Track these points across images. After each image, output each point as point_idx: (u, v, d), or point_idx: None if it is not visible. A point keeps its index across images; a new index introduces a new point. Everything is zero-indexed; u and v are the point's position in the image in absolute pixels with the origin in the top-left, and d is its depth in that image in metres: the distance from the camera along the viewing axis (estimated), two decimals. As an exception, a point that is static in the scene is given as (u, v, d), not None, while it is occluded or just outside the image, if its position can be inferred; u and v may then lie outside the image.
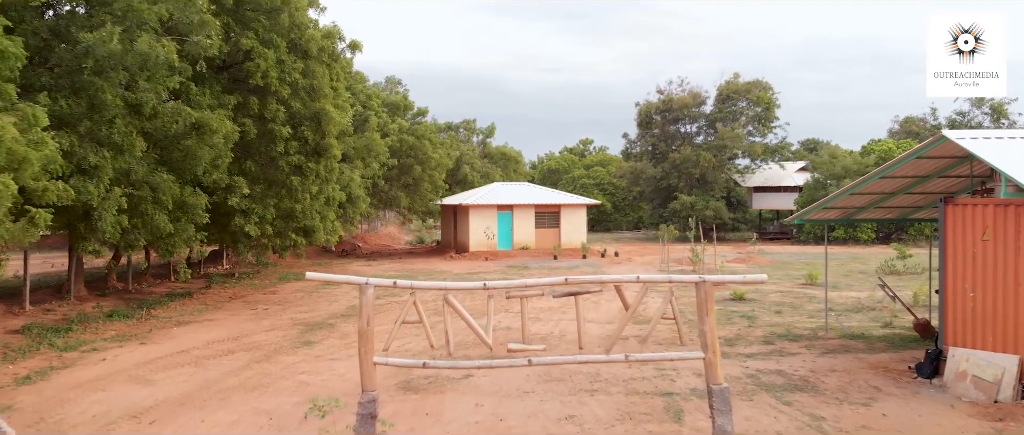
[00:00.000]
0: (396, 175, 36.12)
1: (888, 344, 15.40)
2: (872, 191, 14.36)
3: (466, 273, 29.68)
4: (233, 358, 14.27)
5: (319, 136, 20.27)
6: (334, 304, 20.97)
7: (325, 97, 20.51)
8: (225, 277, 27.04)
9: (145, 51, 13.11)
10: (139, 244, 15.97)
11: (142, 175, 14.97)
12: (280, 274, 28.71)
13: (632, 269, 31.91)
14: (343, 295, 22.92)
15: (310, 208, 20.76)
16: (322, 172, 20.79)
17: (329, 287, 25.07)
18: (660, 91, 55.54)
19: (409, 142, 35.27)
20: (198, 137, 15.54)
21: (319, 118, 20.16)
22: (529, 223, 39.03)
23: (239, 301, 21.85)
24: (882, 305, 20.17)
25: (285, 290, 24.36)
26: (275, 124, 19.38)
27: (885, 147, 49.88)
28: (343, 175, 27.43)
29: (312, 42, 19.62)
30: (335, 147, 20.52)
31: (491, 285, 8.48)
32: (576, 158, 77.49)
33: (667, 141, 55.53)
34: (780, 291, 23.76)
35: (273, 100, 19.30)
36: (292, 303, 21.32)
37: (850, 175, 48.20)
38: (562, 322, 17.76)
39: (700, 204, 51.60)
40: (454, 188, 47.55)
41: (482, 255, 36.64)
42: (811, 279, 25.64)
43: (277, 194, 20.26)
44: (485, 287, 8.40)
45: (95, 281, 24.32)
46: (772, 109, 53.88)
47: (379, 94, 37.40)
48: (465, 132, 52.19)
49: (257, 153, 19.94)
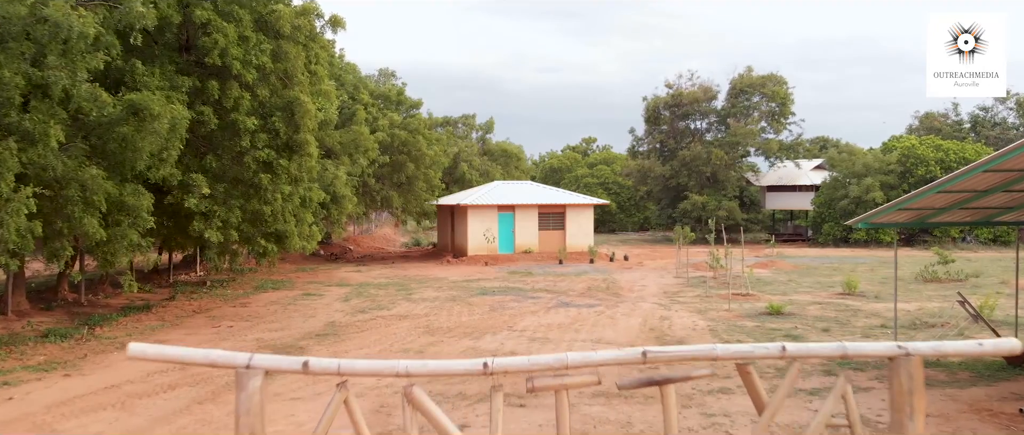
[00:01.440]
0: (388, 173, 33.33)
1: (974, 374, 12.66)
2: (963, 188, 11.63)
3: (463, 280, 26.97)
4: (172, 396, 11.53)
5: (292, 129, 17.54)
6: (310, 320, 18.23)
7: (300, 84, 17.78)
8: (194, 287, 24.30)
9: (57, 19, 10.38)
10: (64, 253, 13.19)
11: (64, 171, 12.22)
12: (257, 282, 25.96)
13: (644, 275, 29.17)
14: (322, 308, 20.18)
15: (282, 210, 18.02)
16: (296, 170, 18.04)
17: (308, 297, 22.34)
18: (669, 85, 52.82)
19: (402, 137, 32.44)
20: (137, 124, 12.78)
21: (292, 108, 17.43)
22: (532, 225, 36.27)
23: (203, 316, 19.11)
24: (942, 320, 17.45)
25: (258, 302, 21.61)
26: (238, 113, 16.65)
27: (908, 144, 47.17)
28: (327, 172, 24.68)
29: (282, 19, 16.87)
30: (312, 142, 17.78)
31: (497, 365, 4.43)
32: (579, 156, 74.74)
33: (676, 138, 52.78)
34: (817, 302, 21.01)
35: (236, 85, 16.56)
36: (263, 318, 18.58)
37: (871, 173, 45.51)
38: (576, 344, 14.99)
39: (712, 204, 48.87)
40: (451, 187, 44.75)
41: (481, 260, 33.89)
42: (850, 288, 22.90)
43: (244, 194, 17.53)
44: (486, 369, 4.36)
45: (46, 292, 21.59)
46: (788, 104, 51.13)
47: (369, 85, 34.59)
48: (463, 127, 49.28)
49: (219, 147, 17.22)
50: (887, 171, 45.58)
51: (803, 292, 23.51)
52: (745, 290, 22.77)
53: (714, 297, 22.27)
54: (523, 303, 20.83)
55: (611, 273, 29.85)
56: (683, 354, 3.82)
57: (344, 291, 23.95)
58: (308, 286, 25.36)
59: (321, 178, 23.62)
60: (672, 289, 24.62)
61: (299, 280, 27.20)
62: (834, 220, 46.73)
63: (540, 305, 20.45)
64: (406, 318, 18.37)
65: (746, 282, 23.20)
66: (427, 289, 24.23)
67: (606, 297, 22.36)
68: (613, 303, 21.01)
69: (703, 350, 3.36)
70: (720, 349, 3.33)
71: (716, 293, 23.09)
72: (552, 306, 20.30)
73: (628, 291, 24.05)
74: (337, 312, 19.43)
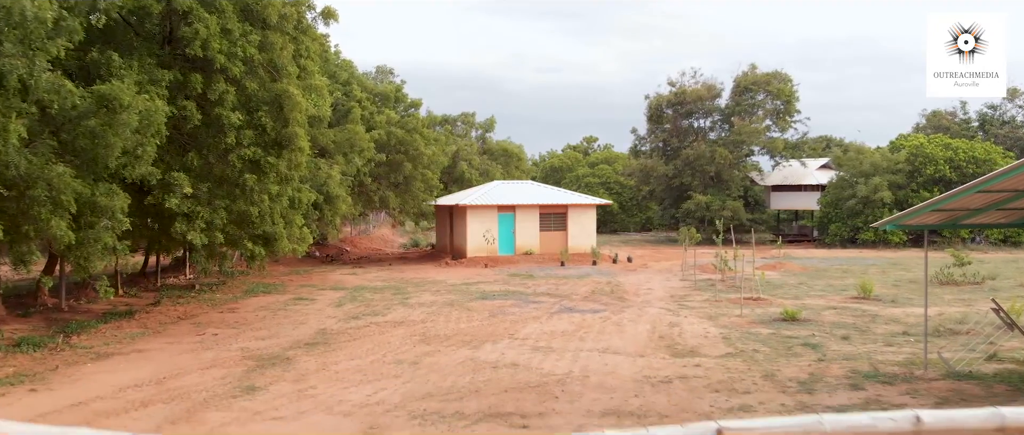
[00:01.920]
0: (384, 173, 32.33)
1: (1011, 388, 11.73)
2: (1003, 188, 10.70)
3: (462, 283, 26.04)
4: (142, 415, 10.58)
5: (280, 124, 16.59)
6: (300, 327, 17.29)
7: (289, 76, 16.83)
8: (182, 291, 23.35)
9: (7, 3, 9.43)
10: (31, 258, 12.24)
11: (28, 169, 11.27)
12: (248, 286, 25.02)
13: (650, 278, 28.22)
14: (314, 314, 19.24)
15: (271, 212, 17.07)
16: (285, 168, 17.09)
17: (300, 302, 21.40)
18: (671, 83, 51.84)
19: (399, 136, 31.43)
20: (107, 117, 11.83)
21: (280, 102, 16.49)
22: (533, 225, 35.31)
23: (188, 323, 18.16)
24: (967, 327, 16.51)
25: (247, 307, 20.66)
26: (223, 108, 15.71)
27: (916, 142, 46.23)
28: (320, 172, 23.73)
29: (270, 7, 15.92)
30: (301, 136, 16.83)
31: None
32: (580, 156, 73.77)
33: (679, 137, 51.81)
34: (832, 307, 20.07)
35: (221, 79, 15.62)
36: (250, 325, 17.64)
37: (880, 172, 44.58)
38: (582, 355, 14.03)
39: (716, 204, 47.93)
40: (450, 187, 43.75)
41: (480, 261, 32.93)
42: (864, 292, 21.96)
43: (229, 194, 16.60)
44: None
45: (25, 297, 20.64)
46: (793, 102, 50.19)
47: (366, 82, 33.59)
48: (462, 126, 48.17)
49: (203, 144, 16.28)
50: (895, 170, 44.64)
51: (816, 296, 22.58)
52: (756, 294, 21.83)
53: (724, 301, 21.35)
54: (524, 308, 19.89)
55: (615, 276, 28.91)
56: (777, 429, 2.40)
57: (338, 295, 23.01)
58: (301, 290, 24.42)
59: (313, 178, 22.68)
60: (679, 293, 23.69)
61: (292, 283, 26.26)
62: (841, 220, 45.79)
63: (542, 310, 19.52)
64: (401, 325, 17.43)
65: (757, 285, 22.25)
66: (424, 293, 23.29)
67: (611, 301, 21.42)
68: (619, 308, 20.08)
69: (808, 423, 2.01)
70: (829, 422, 2.00)
71: (726, 297, 22.16)
72: (555, 311, 19.36)
73: (634, 295, 23.11)
74: (329, 318, 18.49)
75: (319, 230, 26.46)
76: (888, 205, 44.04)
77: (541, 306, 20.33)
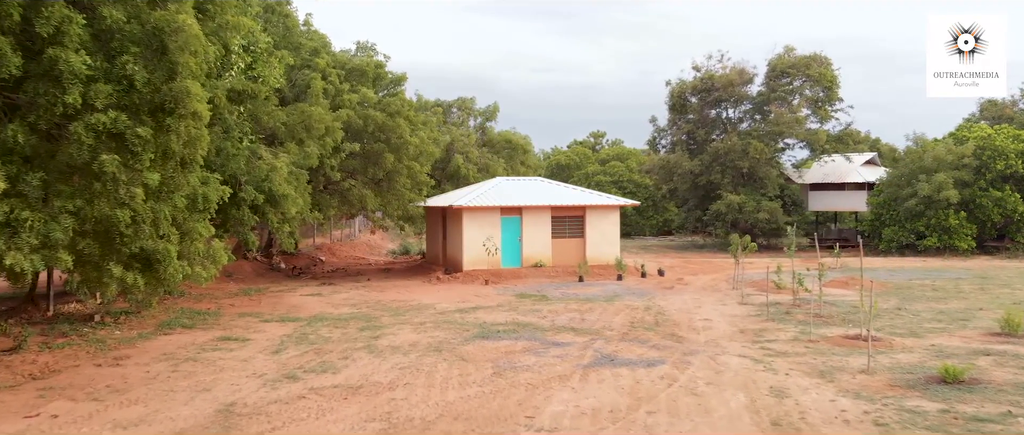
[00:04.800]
0: (360, 166, 26.05)
1: None
2: None
3: (455, 310, 19.87)
4: None
5: (162, 74, 10.40)
6: (196, 400, 11.04)
7: (178, 3, 10.63)
8: (77, 324, 17.11)
9: None
10: None
11: None
12: (172, 315, 18.75)
13: (698, 300, 21.98)
14: (232, 370, 12.97)
15: (151, 216, 10.86)
16: (175, 145, 10.86)
17: (224, 345, 15.13)
18: (696, 68, 45.71)
19: (378, 120, 25.05)
20: None
21: (162, 39, 10.30)
22: (544, 231, 29.09)
23: (32, 387, 11.92)
24: None
25: (145, 354, 14.41)
26: (60, 48, 9.56)
27: (983, 133, 40.06)
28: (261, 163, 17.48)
29: None
30: (197, 93, 10.57)
31: None
32: (589, 152, 67.60)
33: (706, 128, 45.63)
34: (984, 353, 13.86)
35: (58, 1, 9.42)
36: (124, 393, 11.40)
37: (944, 168, 38.48)
38: None
39: (750, 205, 41.80)
40: (443, 185, 37.35)
41: (480, 276, 26.71)
42: (1011, 327, 15.79)
43: (80, 190, 10.39)
44: None
45: None
46: (834, 89, 44.08)
47: (338, 57, 27.24)
48: (459, 112, 41.61)
49: (29, 108, 10.07)
50: (960, 165, 38.52)
51: (936, 331, 16.44)
52: (863, 330, 15.65)
53: (820, 341, 15.22)
54: (544, 357, 13.71)
55: (651, 296, 22.71)
56: None
57: (284, 331, 16.80)
58: (237, 322, 18.17)
59: (250, 170, 16.47)
60: (748, 324, 17.53)
61: (231, 310, 19.98)
62: (898, 223, 39.63)
63: (570, 362, 13.34)
64: (358, 394, 11.24)
65: (864, 318, 16.00)
66: (403, 328, 17.09)
67: (663, 343, 15.25)
68: (679, 355, 13.91)
69: None
70: None
71: (818, 333, 16.02)
72: (589, 363, 13.19)
73: (689, 328, 16.96)
74: (251, 379, 12.27)
75: (256, 240, 20.14)
76: (954, 206, 37.91)
77: (567, 352, 14.15)
